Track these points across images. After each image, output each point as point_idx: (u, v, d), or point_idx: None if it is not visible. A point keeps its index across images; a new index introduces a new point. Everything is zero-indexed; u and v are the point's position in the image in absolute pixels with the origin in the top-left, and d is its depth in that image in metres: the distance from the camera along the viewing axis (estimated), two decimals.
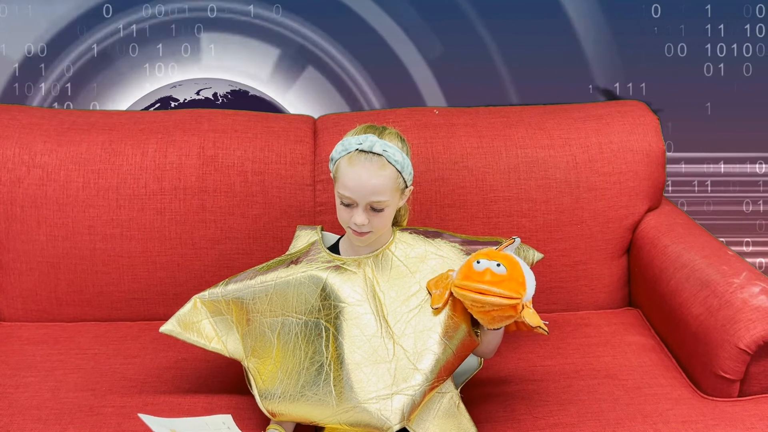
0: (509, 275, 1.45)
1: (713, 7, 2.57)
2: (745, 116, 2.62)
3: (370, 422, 1.48)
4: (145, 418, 1.47)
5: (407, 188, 1.60)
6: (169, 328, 1.66)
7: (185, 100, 2.60)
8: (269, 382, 1.57)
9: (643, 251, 2.02)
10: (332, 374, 1.52)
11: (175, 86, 2.59)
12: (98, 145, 1.96)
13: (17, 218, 1.93)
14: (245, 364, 1.63)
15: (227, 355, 1.65)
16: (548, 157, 2.01)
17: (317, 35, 2.55)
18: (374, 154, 1.53)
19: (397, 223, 1.68)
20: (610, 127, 2.07)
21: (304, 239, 1.71)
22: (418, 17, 2.55)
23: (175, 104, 2.59)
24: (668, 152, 2.39)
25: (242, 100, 2.60)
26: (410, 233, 1.66)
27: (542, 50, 2.57)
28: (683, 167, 2.64)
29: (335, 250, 1.67)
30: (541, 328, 1.47)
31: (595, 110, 2.12)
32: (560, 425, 1.63)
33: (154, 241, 1.94)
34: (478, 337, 1.57)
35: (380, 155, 1.53)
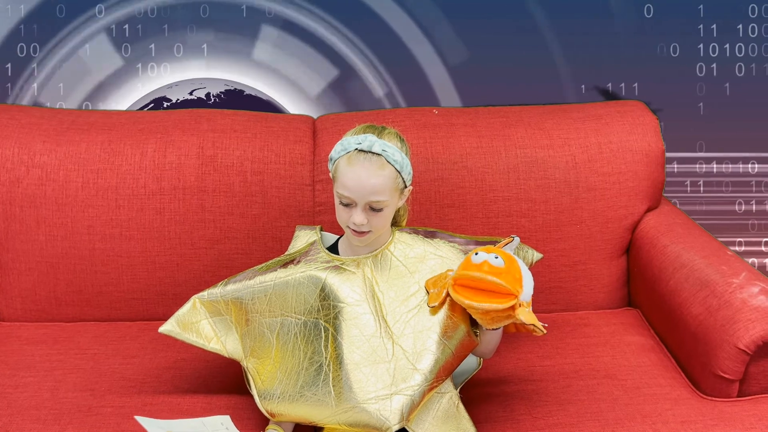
0: (506, 269, 1.45)
1: (705, 7, 2.57)
2: (737, 116, 2.62)
3: (369, 422, 1.48)
4: (142, 420, 1.46)
5: (406, 188, 1.60)
6: (168, 328, 1.66)
7: (178, 100, 2.59)
8: (268, 382, 1.57)
9: (642, 251, 2.02)
10: (331, 374, 1.51)
11: (171, 86, 2.58)
12: (97, 144, 1.96)
13: (16, 218, 1.93)
14: (244, 364, 1.63)
15: (226, 355, 1.65)
16: (547, 157, 2.01)
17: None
18: (373, 153, 1.53)
19: (396, 223, 1.68)
20: (609, 127, 2.07)
21: (303, 239, 1.71)
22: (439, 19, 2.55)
23: (167, 104, 2.59)
24: None
25: (237, 99, 2.59)
26: (409, 233, 1.66)
27: (535, 50, 2.57)
28: (676, 167, 2.64)
29: (334, 250, 1.67)
30: (536, 326, 1.47)
31: (594, 110, 2.12)
32: (559, 425, 1.63)
33: (153, 241, 1.94)
34: (477, 337, 1.57)
35: (379, 155, 1.53)
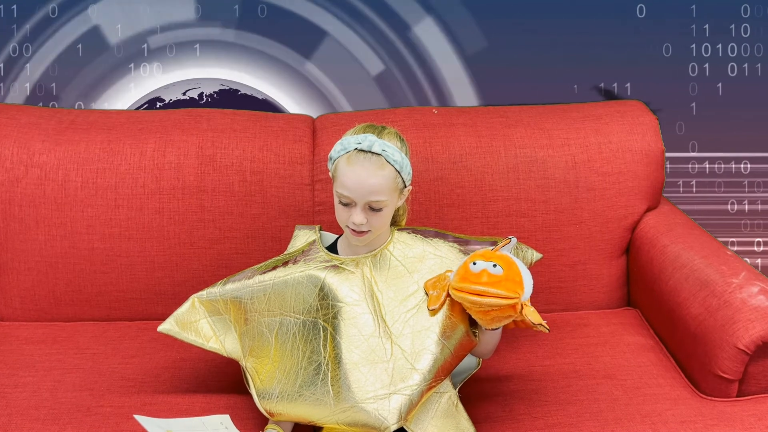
0: (506, 275, 1.45)
1: (698, 7, 2.57)
2: (730, 116, 2.62)
3: (367, 422, 1.48)
4: (141, 419, 1.46)
5: (406, 188, 1.59)
6: (167, 327, 1.66)
7: (170, 100, 2.59)
8: (267, 381, 1.57)
9: (642, 251, 2.02)
10: (330, 374, 1.51)
11: (168, 87, 2.58)
12: (97, 144, 1.96)
13: (15, 218, 1.93)
14: (243, 363, 1.63)
15: (225, 354, 1.65)
16: (547, 157, 2.01)
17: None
18: (373, 153, 1.53)
19: (395, 222, 1.68)
20: (609, 127, 2.07)
21: (302, 239, 1.71)
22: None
23: (160, 105, 2.59)
24: None
25: (232, 99, 2.59)
26: (408, 233, 1.66)
27: (527, 50, 2.57)
28: (668, 167, 2.64)
29: (333, 249, 1.67)
30: (542, 325, 1.47)
31: (594, 110, 2.12)
32: (559, 425, 1.63)
33: (152, 240, 1.94)
34: (476, 337, 1.57)
35: (379, 155, 1.53)
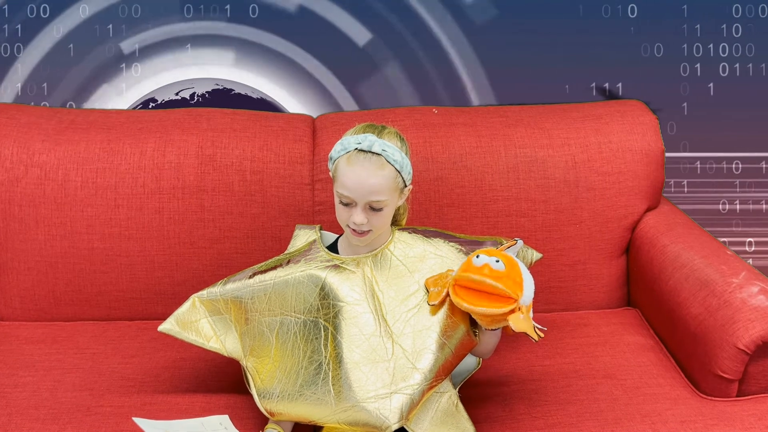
0: (507, 273, 1.45)
1: (690, 7, 2.58)
2: (721, 116, 2.63)
3: (368, 421, 1.48)
4: (139, 421, 1.46)
5: (406, 187, 1.59)
6: (167, 327, 1.65)
7: (163, 101, 2.59)
8: (268, 381, 1.57)
9: (642, 251, 2.02)
10: (331, 373, 1.51)
11: (164, 87, 2.58)
12: (97, 144, 1.96)
13: (15, 217, 1.93)
14: (244, 363, 1.63)
15: (226, 354, 1.65)
16: (547, 156, 2.01)
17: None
18: (373, 153, 1.53)
19: (396, 222, 1.68)
20: (609, 126, 2.07)
21: (302, 238, 1.71)
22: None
23: (153, 105, 2.59)
24: None
25: (225, 98, 2.58)
26: (409, 233, 1.66)
27: (520, 50, 2.58)
28: None
29: (334, 249, 1.67)
30: (528, 335, 1.45)
31: (594, 110, 2.12)
32: (559, 425, 1.63)
33: (152, 240, 1.94)
34: (476, 336, 1.57)
35: (379, 155, 1.53)
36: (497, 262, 1.45)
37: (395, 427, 1.47)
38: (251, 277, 1.63)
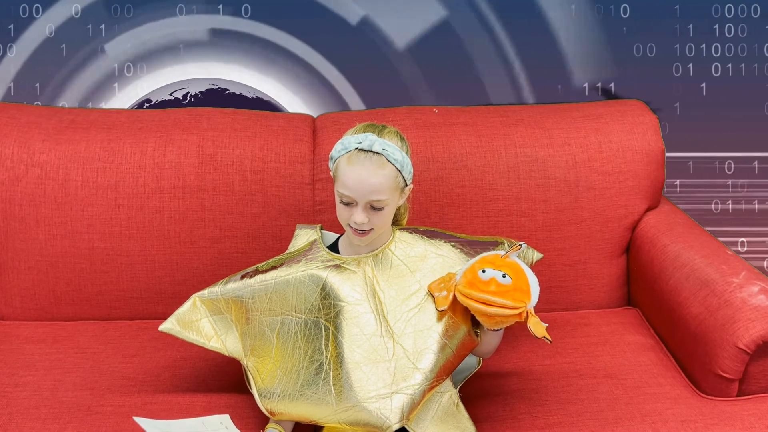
0: (514, 285, 1.46)
1: (682, 7, 2.58)
2: (713, 117, 2.63)
3: (369, 421, 1.48)
4: (140, 421, 1.46)
5: (407, 187, 1.59)
6: (168, 326, 1.66)
7: (157, 101, 2.59)
8: (268, 381, 1.57)
9: (642, 250, 2.02)
10: (332, 373, 1.51)
11: (160, 88, 2.58)
12: (97, 143, 1.96)
13: (16, 217, 1.93)
14: (244, 363, 1.63)
15: (226, 353, 1.65)
16: (547, 156, 2.01)
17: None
18: (374, 152, 1.53)
19: (396, 222, 1.68)
20: (609, 126, 2.07)
21: (303, 238, 1.71)
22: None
23: (147, 105, 2.58)
24: None
25: (219, 98, 2.58)
26: (410, 232, 1.66)
27: (515, 49, 2.58)
28: None
29: (335, 249, 1.67)
30: (546, 338, 1.47)
31: (594, 109, 2.12)
32: (559, 424, 1.63)
33: (152, 240, 1.94)
34: (477, 337, 1.57)
35: (380, 154, 1.53)
36: (504, 276, 1.46)
37: (396, 427, 1.47)
38: (252, 276, 1.63)
